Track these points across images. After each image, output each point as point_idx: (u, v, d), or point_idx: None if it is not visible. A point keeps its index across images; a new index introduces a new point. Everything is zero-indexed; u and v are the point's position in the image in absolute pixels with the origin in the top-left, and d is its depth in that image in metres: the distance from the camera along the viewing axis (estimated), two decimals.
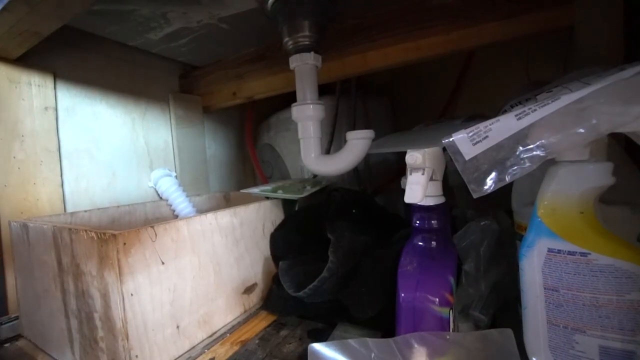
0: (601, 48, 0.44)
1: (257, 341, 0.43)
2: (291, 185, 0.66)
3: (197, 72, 0.85)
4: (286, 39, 0.52)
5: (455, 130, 0.28)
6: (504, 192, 0.31)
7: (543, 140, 0.25)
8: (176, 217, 0.70)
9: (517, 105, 0.35)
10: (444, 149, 0.35)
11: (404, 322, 0.34)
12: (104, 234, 0.34)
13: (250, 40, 0.72)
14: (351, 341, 0.32)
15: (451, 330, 0.33)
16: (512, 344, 0.30)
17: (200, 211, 0.74)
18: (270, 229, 0.56)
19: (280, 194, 0.60)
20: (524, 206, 0.38)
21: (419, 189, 0.33)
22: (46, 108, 0.59)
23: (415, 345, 0.31)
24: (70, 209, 0.61)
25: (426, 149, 0.34)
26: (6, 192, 0.53)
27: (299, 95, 0.54)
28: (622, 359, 0.26)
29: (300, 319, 0.48)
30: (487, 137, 0.27)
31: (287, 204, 0.61)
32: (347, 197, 0.57)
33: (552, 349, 0.29)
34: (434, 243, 0.37)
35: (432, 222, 0.37)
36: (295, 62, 0.53)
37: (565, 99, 0.25)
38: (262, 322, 0.47)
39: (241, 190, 0.65)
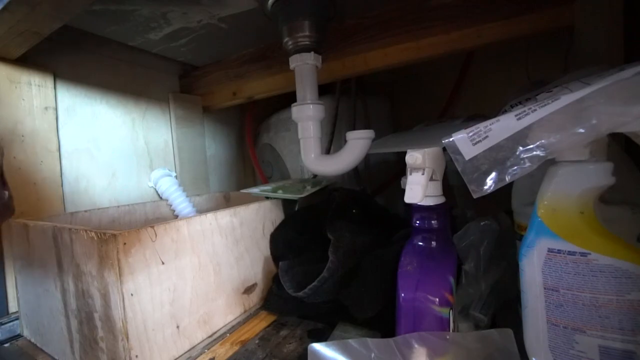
0: (601, 48, 0.44)
1: (257, 341, 0.43)
2: (291, 185, 0.66)
3: (197, 72, 0.85)
4: (286, 39, 0.52)
5: (455, 130, 0.28)
6: (504, 192, 0.31)
7: (543, 140, 0.25)
8: (176, 217, 0.70)
9: (517, 105, 0.35)
10: (444, 149, 0.35)
11: (404, 322, 0.34)
12: (104, 234, 0.34)
13: (250, 40, 0.72)
14: (351, 341, 0.32)
15: (451, 330, 0.33)
16: (512, 344, 0.30)
17: (200, 211, 0.74)
18: (270, 229, 0.56)
19: (280, 194, 0.60)
20: (524, 206, 0.38)
21: (419, 189, 0.33)
22: (46, 108, 0.59)
23: (415, 345, 0.31)
24: (70, 209, 0.61)
25: (426, 149, 0.34)
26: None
27: (299, 95, 0.54)
28: (622, 359, 0.26)
29: (300, 319, 0.48)
30: (487, 137, 0.27)
31: (287, 204, 0.61)
32: (347, 197, 0.57)
33: (552, 349, 0.29)
34: (434, 243, 0.37)
35: (432, 222, 0.37)
36: (295, 62, 0.53)
37: (565, 99, 0.25)
38: (262, 322, 0.47)
39: (241, 190, 0.65)
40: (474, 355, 0.30)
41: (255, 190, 0.63)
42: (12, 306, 0.52)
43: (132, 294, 0.34)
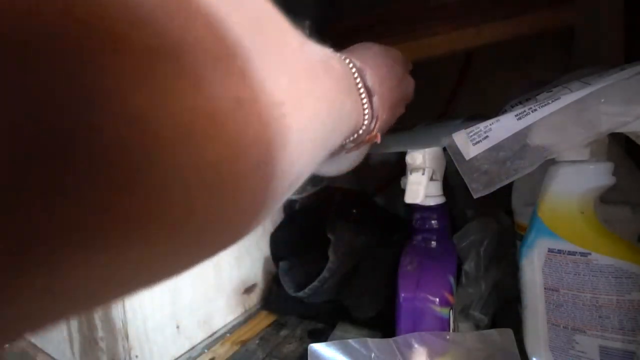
0: (601, 48, 0.44)
1: (257, 341, 0.43)
2: None
3: None
4: None
5: (455, 130, 0.28)
6: (504, 192, 0.31)
7: (543, 140, 0.25)
8: None
9: (517, 105, 0.35)
10: (444, 149, 0.35)
11: (404, 322, 0.34)
12: None
13: None
14: (351, 341, 0.32)
15: (451, 330, 0.33)
16: (512, 344, 0.30)
17: None
18: (270, 229, 0.56)
19: None
20: (524, 206, 0.38)
21: (419, 189, 0.33)
22: None
23: (415, 345, 0.31)
24: None
25: (426, 149, 0.34)
26: None
27: None
28: (623, 359, 0.26)
29: (300, 319, 0.48)
30: (487, 137, 0.27)
31: (287, 204, 0.61)
32: (347, 197, 0.57)
33: (552, 349, 0.29)
34: (434, 243, 0.37)
35: (432, 222, 0.37)
36: None
37: (565, 99, 0.25)
38: (262, 322, 0.47)
39: None
40: (474, 355, 0.30)
41: None
42: None
43: None
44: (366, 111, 0.24)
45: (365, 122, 0.25)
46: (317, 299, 0.45)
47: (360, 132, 0.26)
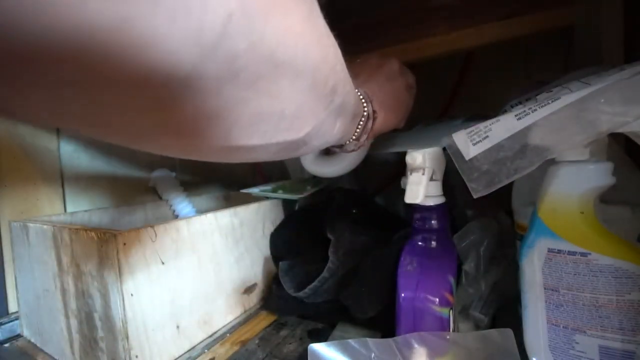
0: (601, 48, 0.44)
1: (257, 341, 0.43)
2: (291, 185, 0.66)
3: None
4: None
5: (455, 130, 0.28)
6: (504, 192, 0.31)
7: (543, 140, 0.25)
8: (176, 217, 0.70)
9: (517, 105, 0.35)
10: (444, 149, 0.35)
11: (404, 322, 0.34)
12: (104, 234, 0.34)
13: None
14: (351, 341, 0.32)
15: (451, 330, 0.33)
16: (512, 344, 0.30)
17: (200, 211, 0.74)
18: (270, 229, 0.56)
19: (280, 194, 0.60)
20: (524, 206, 0.38)
21: (419, 189, 0.33)
22: None
23: (415, 345, 0.31)
24: (70, 209, 0.61)
25: (426, 149, 0.34)
26: (6, 192, 0.53)
27: None
28: (622, 359, 0.26)
29: (300, 319, 0.48)
30: (487, 137, 0.27)
31: (287, 204, 0.61)
32: (347, 197, 0.57)
33: (552, 349, 0.29)
34: (434, 243, 0.37)
35: (432, 222, 0.37)
36: None
37: (565, 99, 0.25)
38: (262, 322, 0.47)
39: (241, 190, 0.65)
40: (474, 355, 0.30)
41: (255, 190, 0.63)
42: (12, 306, 0.52)
43: (132, 294, 0.34)
44: (364, 104, 0.32)
45: (365, 112, 0.32)
46: (317, 299, 0.45)
47: (362, 120, 0.32)
